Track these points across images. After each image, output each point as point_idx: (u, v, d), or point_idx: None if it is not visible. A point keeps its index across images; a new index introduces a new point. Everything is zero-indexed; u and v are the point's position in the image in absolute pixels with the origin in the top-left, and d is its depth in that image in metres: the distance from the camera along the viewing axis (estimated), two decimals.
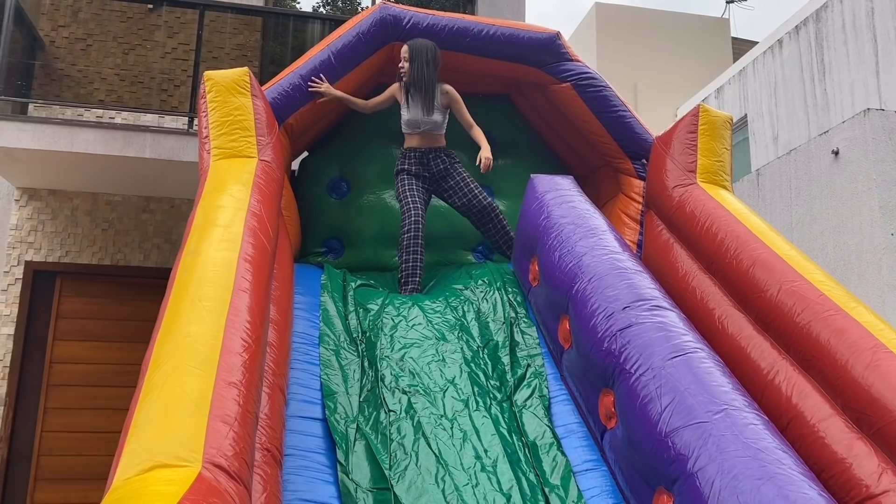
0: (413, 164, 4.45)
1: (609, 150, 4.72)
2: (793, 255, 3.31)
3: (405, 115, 4.51)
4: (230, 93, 3.78)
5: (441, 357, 3.51)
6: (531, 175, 4.14)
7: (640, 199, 4.53)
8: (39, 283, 5.85)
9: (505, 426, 3.20)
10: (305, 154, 4.98)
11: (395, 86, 4.58)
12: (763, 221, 3.64)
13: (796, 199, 8.23)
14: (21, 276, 5.77)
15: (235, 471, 2.02)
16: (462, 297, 3.95)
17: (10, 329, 5.65)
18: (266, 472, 2.48)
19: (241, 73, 3.86)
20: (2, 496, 5.38)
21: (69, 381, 5.71)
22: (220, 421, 2.08)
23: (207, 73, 3.86)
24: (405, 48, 4.47)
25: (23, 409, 5.60)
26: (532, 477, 2.95)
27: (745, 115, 12.83)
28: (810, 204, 7.98)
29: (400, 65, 4.47)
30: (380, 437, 3.05)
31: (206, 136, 3.70)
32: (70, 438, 5.54)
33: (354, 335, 3.64)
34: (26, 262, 5.81)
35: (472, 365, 3.48)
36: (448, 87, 4.52)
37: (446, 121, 4.59)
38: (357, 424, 3.06)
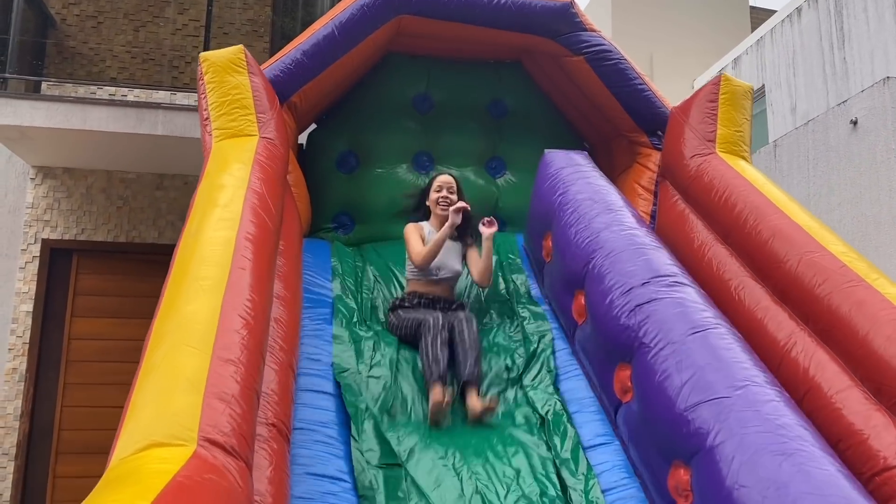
0: (418, 304, 3.67)
1: (624, 124, 4.64)
2: (813, 226, 3.26)
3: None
4: (227, 72, 3.73)
5: None
6: (545, 150, 4.09)
7: (655, 170, 4.46)
8: (56, 260, 5.88)
9: (516, 401, 3.21)
10: (313, 127, 4.93)
11: (417, 226, 3.89)
12: (782, 192, 3.60)
13: (814, 171, 8.12)
14: (38, 254, 5.81)
15: (233, 447, 2.02)
16: (469, 279, 3.96)
17: (29, 306, 5.70)
18: (273, 446, 2.49)
19: (236, 52, 3.80)
20: (25, 468, 5.47)
21: (87, 356, 5.76)
22: (216, 398, 2.08)
23: (203, 54, 3.82)
24: (449, 178, 3.98)
25: (43, 384, 5.67)
26: (544, 450, 2.95)
27: (763, 85, 12.64)
28: (828, 175, 7.88)
29: (442, 194, 3.89)
30: (389, 415, 3.07)
31: (207, 118, 3.68)
32: (89, 413, 5.61)
33: (366, 312, 3.65)
34: (43, 239, 5.85)
35: (483, 343, 3.49)
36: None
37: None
38: (366, 402, 3.07)
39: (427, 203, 3.97)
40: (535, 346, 3.50)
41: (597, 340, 3.15)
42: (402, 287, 3.98)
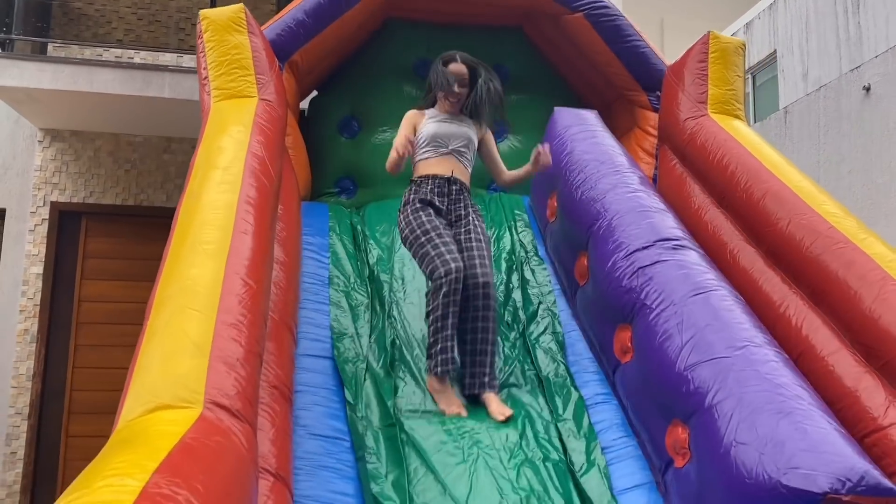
0: (431, 193, 3.32)
1: (623, 82, 4.62)
2: (804, 187, 3.25)
3: (429, 128, 3.43)
4: (227, 31, 3.70)
5: None
6: (554, 108, 4.06)
7: (655, 133, 4.44)
8: (65, 223, 5.92)
9: (518, 363, 3.24)
10: (315, 93, 4.92)
11: (414, 113, 3.56)
12: (775, 152, 3.57)
13: (824, 138, 8.05)
14: (47, 217, 5.85)
15: (238, 409, 2.05)
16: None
17: (39, 268, 5.75)
18: (275, 408, 2.53)
19: (236, 10, 3.76)
20: (38, 427, 5.57)
21: (97, 319, 5.83)
22: (221, 362, 2.10)
23: (203, 12, 3.78)
24: (461, 69, 3.46)
25: (54, 345, 5.74)
26: (546, 413, 2.98)
27: (775, 50, 12.47)
28: (839, 142, 7.81)
29: (453, 90, 3.42)
30: (387, 377, 3.09)
31: (206, 78, 3.65)
32: (100, 374, 5.69)
33: (364, 277, 3.65)
34: (52, 202, 5.88)
35: None
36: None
37: (475, 155, 3.57)
38: (366, 364, 3.09)
39: (433, 92, 3.53)
40: (536, 307, 3.52)
41: (598, 302, 3.17)
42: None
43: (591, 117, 3.94)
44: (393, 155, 3.22)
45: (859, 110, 7.55)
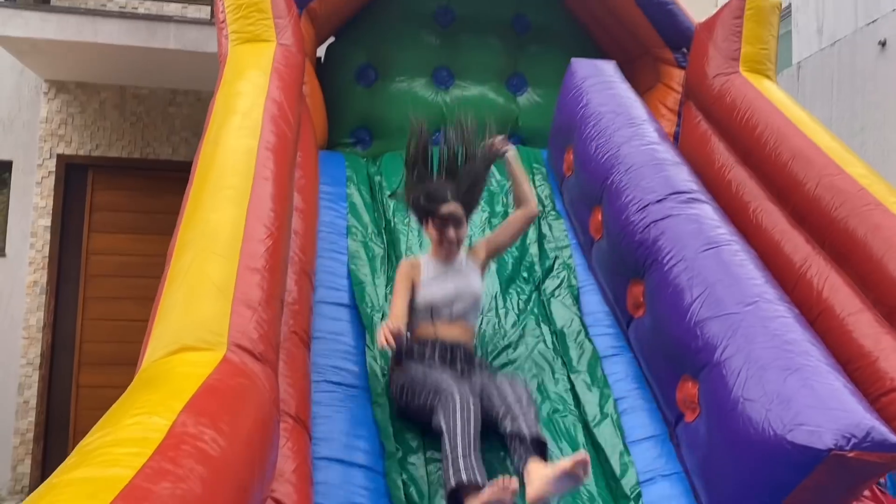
0: (430, 359, 2.75)
1: (649, 39, 4.53)
2: (834, 148, 3.22)
3: (426, 295, 2.83)
4: None
5: None
6: (571, 59, 3.99)
7: (679, 90, 4.38)
8: (72, 175, 5.91)
9: (534, 316, 3.25)
10: (332, 40, 4.84)
11: (408, 265, 2.94)
12: (806, 113, 3.53)
13: (838, 94, 7.94)
14: (54, 170, 5.83)
15: (261, 353, 2.08)
16: (491, 188, 3.91)
17: (47, 221, 5.76)
18: (294, 353, 2.56)
19: None
20: (49, 378, 5.65)
21: (106, 271, 5.86)
22: (244, 305, 2.12)
23: None
24: (455, 209, 2.86)
25: (63, 298, 5.78)
26: (559, 366, 3.01)
27: (790, 4, 12.23)
28: (852, 99, 7.70)
29: (448, 234, 2.86)
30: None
31: (224, 21, 3.61)
32: (109, 326, 5.74)
33: (381, 227, 3.65)
34: (58, 155, 5.86)
35: (502, 258, 3.49)
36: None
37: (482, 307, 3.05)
38: (382, 314, 3.12)
39: (423, 227, 2.99)
40: (553, 261, 3.51)
41: (611, 256, 3.16)
42: None
43: (608, 68, 3.86)
44: (381, 339, 2.50)
45: (874, 66, 7.43)
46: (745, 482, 2.24)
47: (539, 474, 2.25)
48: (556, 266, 3.49)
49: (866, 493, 2.58)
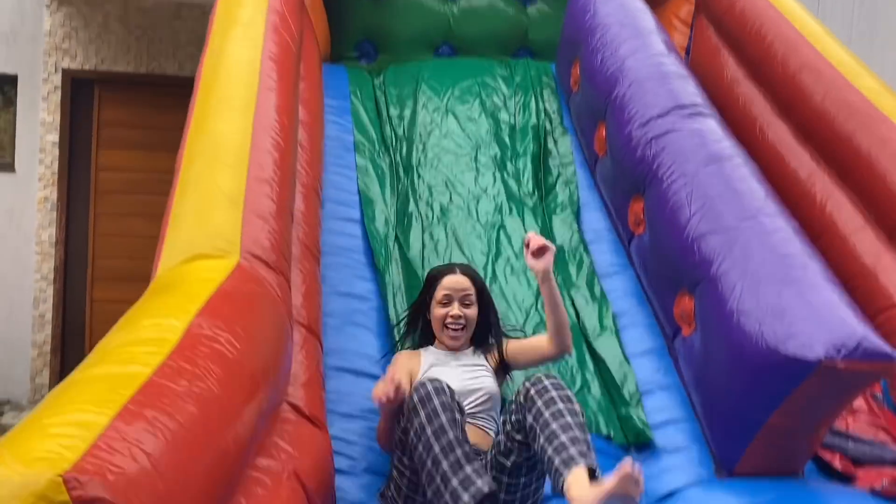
0: None
1: None
2: (845, 61, 3.13)
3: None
4: None
5: (475, 166, 3.52)
6: None
7: (693, 1, 4.23)
8: (78, 90, 5.87)
9: (536, 230, 3.26)
10: None
11: (406, 356, 2.46)
12: (820, 25, 3.43)
13: (858, 10, 7.70)
14: (60, 84, 5.79)
15: (273, 262, 2.12)
16: (498, 102, 3.87)
17: (55, 136, 5.76)
18: (305, 266, 2.61)
19: None
20: (63, 293, 5.76)
21: (116, 188, 5.88)
22: (255, 215, 2.15)
23: None
24: (462, 280, 2.41)
25: (74, 214, 5.84)
26: (560, 280, 3.05)
27: None
28: (873, 15, 7.47)
29: (452, 312, 2.37)
30: (414, 243, 3.15)
31: None
32: (121, 242, 5.80)
33: (389, 143, 3.63)
34: (63, 69, 5.81)
35: (506, 173, 3.50)
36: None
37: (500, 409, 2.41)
38: (396, 233, 3.14)
39: (428, 318, 2.47)
40: (556, 177, 3.51)
41: (614, 173, 3.16)
42: (426, 107, 3.82)
43: None
44: (379, 392, 2.12)
45: None
46: (738, 393, 2.28)
47: (581, 493, 1.81)
48: (559, 182, 3.49)
49: (862, 405, 2.65)
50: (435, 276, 2.43)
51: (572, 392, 2.09)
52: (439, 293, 2.38)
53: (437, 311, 2.40)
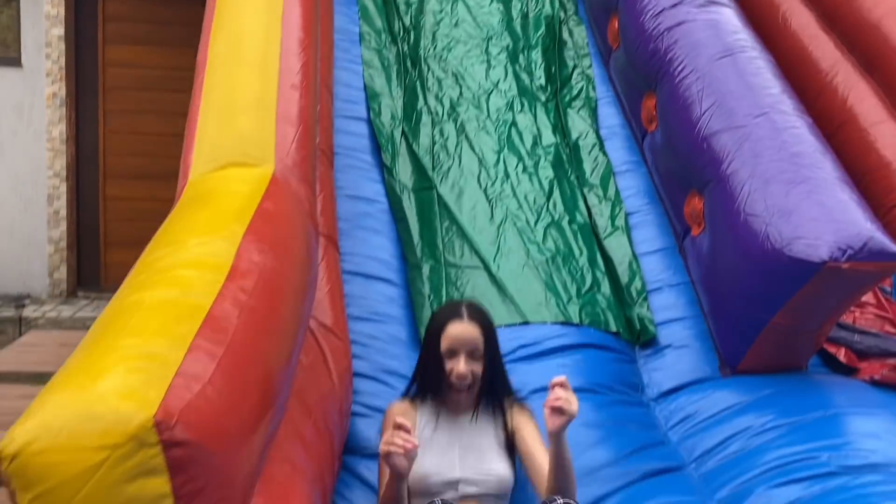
0: None
1: None
2: None
3: (426, 465, 1.95)
4: None
5: (486, 58, 3.43)
6: None
7: None
8: None
9: (549, 126, 3.22)
10: None
11: (401, 409, 2.08)
12: None
13: None
14: None
15: (302, 173, 2.08)
16: None
17: (60, 30, 5.64)
18: (322, 171, 2.58)
19: None
20: (76, 189, 5.79)
21: (125, 84, 5.80)
22: (286, 122, 2.08)
23: None
24: (469, 330, 2.01)
25: (83, 110, 5.78)
26: (573, 178, 3.03)
27: None
28: None
29: (459, 370, 1.99)
30: (423, 139, 3.12)
31: None
32: (132, 139, 5.77)
33: (396, 33, 3.53)
34: None
35: (518, 66, 3.40)
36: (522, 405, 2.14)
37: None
38: (403, 128, 3.11)
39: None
40: (571, 70, 3.42)
41: (627, 67, 3.07)
42: None
43: None
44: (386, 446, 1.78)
45: None
46: (743, 293, 2.31)
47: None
48: (574, 76, 3.40)
49: (870, 298, 2.67)
50: (441, 324, 2.03)
51: None
52: (444, 343, 2.00)
53: (445, 365, 2.02)
